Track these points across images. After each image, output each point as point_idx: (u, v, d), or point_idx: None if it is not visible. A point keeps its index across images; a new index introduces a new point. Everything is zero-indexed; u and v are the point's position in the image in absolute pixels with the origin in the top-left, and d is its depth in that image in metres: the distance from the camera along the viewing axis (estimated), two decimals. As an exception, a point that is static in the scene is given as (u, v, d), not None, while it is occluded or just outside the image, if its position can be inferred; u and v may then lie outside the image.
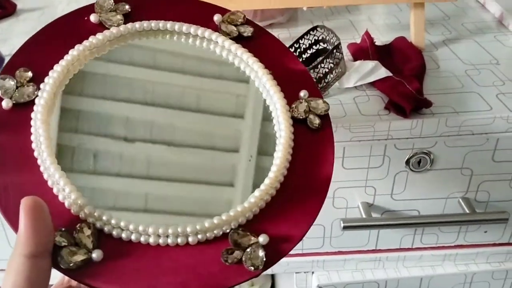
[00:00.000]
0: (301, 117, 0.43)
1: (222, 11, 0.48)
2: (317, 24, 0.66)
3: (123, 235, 0.36)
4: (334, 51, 0.61)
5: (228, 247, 0.36)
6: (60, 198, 0.37)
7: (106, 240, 0.36)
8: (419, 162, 0.60)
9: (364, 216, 0.62)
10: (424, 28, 0.71)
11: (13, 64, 0.41)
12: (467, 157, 0.60)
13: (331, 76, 0.62)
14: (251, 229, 0.38)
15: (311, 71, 0.60)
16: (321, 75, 0.61)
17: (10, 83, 0.40)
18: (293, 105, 0.44)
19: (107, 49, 0.44)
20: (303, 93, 0.45)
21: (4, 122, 0.39)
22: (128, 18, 0.45)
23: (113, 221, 0.36)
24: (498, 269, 0.68)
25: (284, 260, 0.38)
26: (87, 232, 0.35)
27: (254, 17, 0.80)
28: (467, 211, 0.62)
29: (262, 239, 0.37)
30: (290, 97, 0.44)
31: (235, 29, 0.47)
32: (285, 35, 0.80)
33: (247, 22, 0.48)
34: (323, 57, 0.61)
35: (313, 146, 0.43)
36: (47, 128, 0.38)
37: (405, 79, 0.60)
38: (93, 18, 0.44)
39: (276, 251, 0.37)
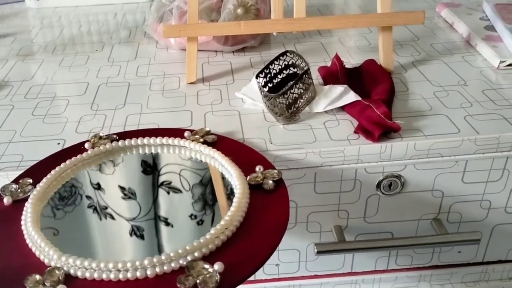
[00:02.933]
0: (256, 183, 0.51)
1: (191, 130, 0.60)
2: (287, 49, 0.66)
3: (87, 274, 0.42)
4: (304, 76, 0.62)
5: (184, 275, 0.41)
6: (33, 249, 0.44)
7: (72, 281, 0.41)
8: (390, 185, 0.61)
9: (337, 240, 0.62)
10: (392, 50, 0.72)
11: (21, 177, 0.54)
12: (437, 179, 0.60)
13: (301, 101, 0.62)
14: (212, 261, 0.42)
15: (281, 96, 0.60)
16: (291, 101, 0.61)
17: (13, 187, 0.52)
18: (249, 176, 0.52)
19: (96, 162, 0.57)
20: (257, 168, 0.53)
21: (5, 214, 0.50)
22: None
23: (77, 262, 0.42)
24: (473, 289, 0.69)
25: (261, 285, 0.41)
26: (56, 274, 0.41)
27: (226, 42, 0.80)
28: (439, 233, 0.62)
29: (218, 266, 0.41)
30: (248, 172, 0.53)
31: (201, 139, 0.59)
32: (257, 59, 0.80)
33: (211, 133, 0.60)
34: (293, 82, 0.61)
35: (268, 202, 0.50)
36: (34, 208, 0.49)
37: (374, 103, 0.61)
38: (87, 145, 0.58)
39: (233, 278, 0.41)
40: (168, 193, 0.54)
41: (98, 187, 0.55)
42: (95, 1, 1.09)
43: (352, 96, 0.63)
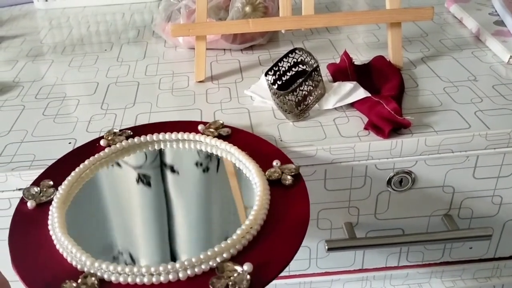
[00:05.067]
0: (275, 178, 0.52)
1: (204, 123, 0.61)
2: (296, 47, 0.66)
3: (121, 279, 0.42)
4: (313, 73, 0.62)
5: (215, 276, 0.41)
6: (65, 255, 0.45)
7: (106, 286, 0.42)
8: (400, 182, 0.60)
9: (348, 236, 0.62)
10: (401, 46, 0.71)
11: (40, 179, 0.54)
12: (448, 175, 0.60)
13: (311, 98, 0.62)
14: (240, 261, 0.43)
15: (291, 94, 0.60)
16: (300, 98, 0.61)
17: (35, 190, 0.52)
18: (267, 172, 0.53)
19: (114, 160, 0.57)
20: (275, 162, 0.54)
21: (29, 218, 0.50)
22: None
23: (111, 267, 0.43)
24: (485, 285, 0.68)
25: (271, 283, 0.42)
26: (90, 281, 0.42)
27: (234, 40, 0.80)
28: (450, 229, 0.62)
29: (247, 267, 0.41)
30: (265, 167, 0.53)
31: (216, 132, 0.59)
32: (265, 57, 0.80)
33: (225, 126, 0.61)
34: (302, 79, 0.61)
35: (289, 198, 0.50)
36: (60, 212, 0.49)
37: (384, 100, 0.61)
38: (102, 142, 0.59)
39: (262, 277, 0.42)
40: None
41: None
42: (103, 2, 1.09)
43: (361, 93, 0.63)
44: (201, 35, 0.71)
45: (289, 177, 0.52)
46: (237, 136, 0.59)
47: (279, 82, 0.67)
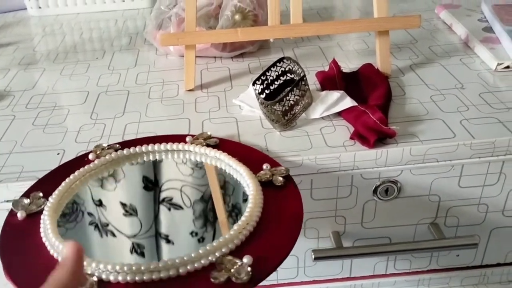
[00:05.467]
0: (266, 180, 0.53)
1: (192, 135, 0.61)
2: (284, 56, 0.67)
3: (120, 278, 0.42)
4: (300, 83, 0.62)
5: (216, 270, 0.42)
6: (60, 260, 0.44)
7: (105, 286, 0.42)
8: (386, 191, 0.61)
9: (335, 245, 0.62)
10: (389, 54, 0.72)
11: (29, 192, 0.54)
12: (433, 184, 0.61)
13: (297, 108, 0.63)
14: (239, 256, 0.44)
15: (277, 104, 0.61)
16: (287, 108, 0.62)
17: (25, 201, 0.52)
18: (258, 174, 0.54)
19: (103, 172, 0.58)
20: (265, 165, 0.55)
21: (20, 228, 0.50)
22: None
23: (109, 267, 0.42)
24: (472, 292, 0.69)
25: None
26: (89, 281, 0.42)
27: (224, 48, 0.81)
28: (436, 237, 0.62)
29: (246, 259, 0.42)
30: (256, 171, 0.54)
31: (204, 142, 0.60)
32: (255, 64, 0.81)
33: (212, 136, 0.62)
34: (288, 89, 0.62)
35: (281, 196, 0.51)
36: (52, 219, 0.49)
37: (370, 109, 0.61)
38: (91, 156, 0.59)
39: (262, 269, 0.43)
40: (169, 209, 0.54)
41: (99, 203, 0.55)
42: (96, 8, 1.10)
43: (348, 102, 0.64)
44: (190, 44, 0.71)
45: (280, 178, 0.53)
46: (225, 145, 0.60)
47: (267, 91, 0.67)
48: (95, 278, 0.42)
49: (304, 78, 0.63)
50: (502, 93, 0.67)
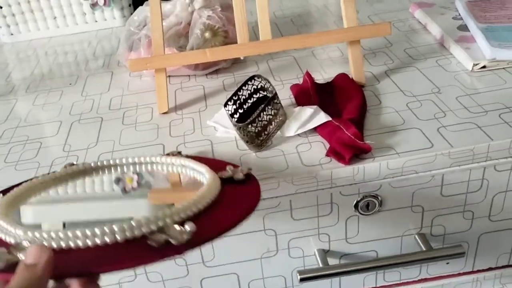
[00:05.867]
0: (226, 177, 0.52)
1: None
2: (254, 74, 0.65)
3: (54, 244, 0.40)
4: (271, 101, 0.61)
5: (155, 233, 0.41)
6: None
7: None
8: (367, 206, 0.60)
9: (320, 264, 0.61)
10: (362, 63, 0.70)
11: None
12: (415, 195, 0.59)
13: (271, 127, 0.61)
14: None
15: (250, 125, 0.59)
16: (260, 128, 0.60)
17: None
18: (219, 172, 0.53)
19: (68, 181, 0.57)
20: (228, 167, 0.54)
21: None
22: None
23: (44, 234, 0.40)
24: (465, 298, 0.68)
25: None
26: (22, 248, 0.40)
27: (197, 67, 0.79)
28: (424, 248, 0.61)
29: (189, 226, 0.41)
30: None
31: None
32: (230, 80, 0.79)
33: (181, 154, 0.62)
34: (260, 109, 0.60)
35: (240, 187, 0.51)
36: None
37: (344, 124, 0.60)
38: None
39: (203, 236, 0.41)
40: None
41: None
42: (69, 31, 1.08)
43: (322, 117, 0.62)
44: (159, 68, 0.70)
45: (241, 174, 0.52)
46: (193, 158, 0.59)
47: (240, 111, 0.66)
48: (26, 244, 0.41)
49: (276, 96, 0.61)
50: (480, 95, 0.65)
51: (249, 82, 0.66)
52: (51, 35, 1.09)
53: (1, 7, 1.05)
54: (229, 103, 0.64)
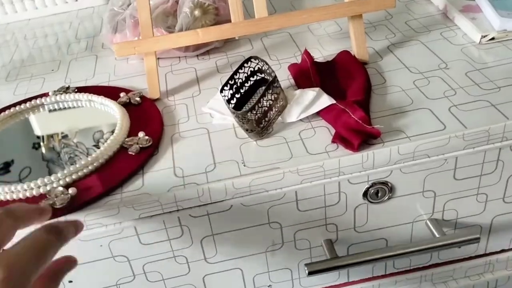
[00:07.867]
0: (124, 102, 0.66)
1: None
2: (250, 56, 0.61)
3: None
4: (271, 85, 0.57)
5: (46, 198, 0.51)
6: None
7: None
8: (377, 193, 0.56)
9: (328, 255, 0.58)
10: (365, 39, 0.66)
11: None
12: (427, 180, 0.56)
13: (272, 113, 0.57)
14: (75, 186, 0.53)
15: (249, 112, 0.55)
16: (260, 115, 0.56)
17: None
18: (118, 100, 0.66)
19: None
20: (122, 94, 0.67)
21: None
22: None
23: None
24: (478, 282, 0.65)
25: None
26: None
27: (187, 48, 0.74)
28: (436, 233, 0.58)
29: (71, 191, 0.51)
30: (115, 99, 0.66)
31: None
32: (223, 61, 0.75)
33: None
34: (260, 95, 0.56)
35: (140, 113, 0.64)
36: None
37: (350, 107, 0.56)
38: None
39: (83, 198, 0.51)
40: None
41: None
42: (48, 12, 1.02)
43: (326, 100, 0.58)
44: (148, 51, 0.65)
45: (137, 98, 0.66)
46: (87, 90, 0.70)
47: (237, 96, 0.62)
48: None
49: (276, 79, 0.57)
50: (490, 70, 0.62)
51: (245, 65, 0.61)
52: (29, 17, 1.03)
53: (-26, -11, 0.98)
54: (225, 88, 0.60)
